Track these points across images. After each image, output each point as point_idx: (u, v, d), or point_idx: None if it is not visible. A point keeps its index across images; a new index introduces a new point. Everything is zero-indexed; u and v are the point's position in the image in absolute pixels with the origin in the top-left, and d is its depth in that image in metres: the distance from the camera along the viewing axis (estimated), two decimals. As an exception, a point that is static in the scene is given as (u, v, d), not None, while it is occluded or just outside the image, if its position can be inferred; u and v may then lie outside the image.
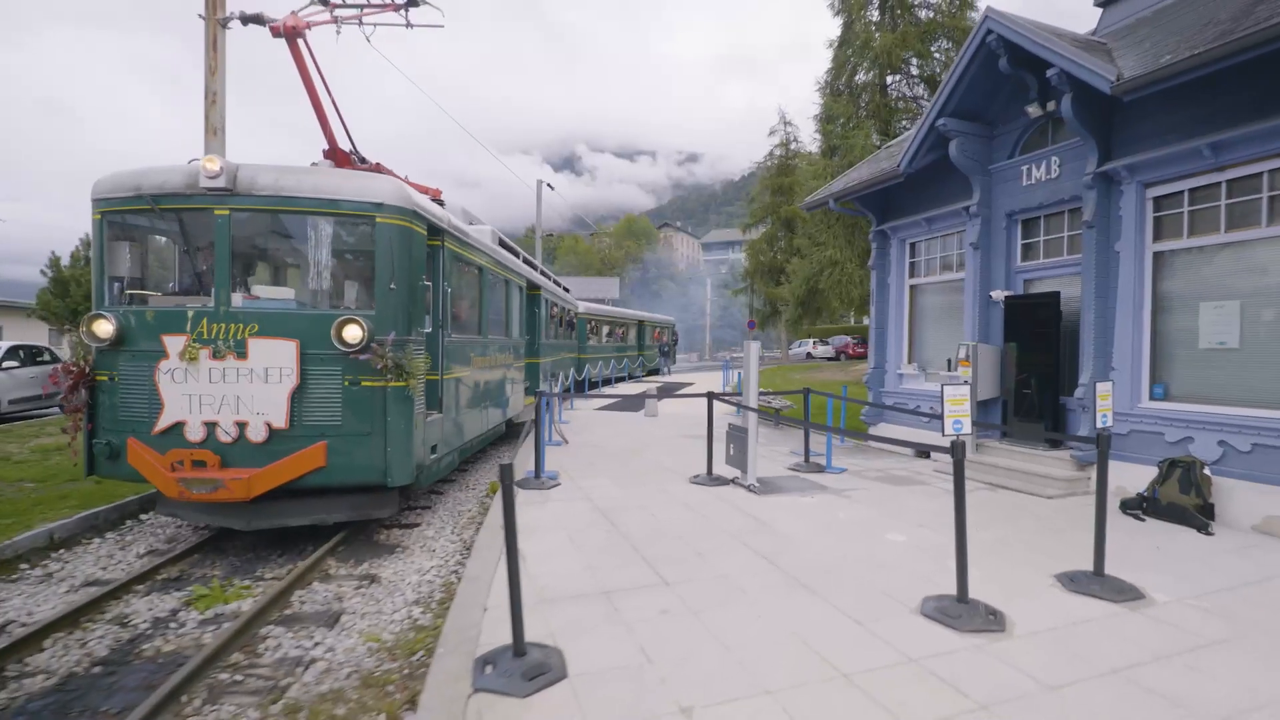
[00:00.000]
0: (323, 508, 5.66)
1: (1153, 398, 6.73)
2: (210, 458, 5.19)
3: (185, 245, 5.92)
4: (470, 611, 3.92)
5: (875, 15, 22.09)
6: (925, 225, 9.86)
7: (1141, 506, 6.20)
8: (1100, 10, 9.22)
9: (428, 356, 6.23)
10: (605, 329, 24.73)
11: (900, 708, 2.87)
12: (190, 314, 5.32)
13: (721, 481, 7.39)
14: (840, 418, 10.29)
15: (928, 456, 9.34)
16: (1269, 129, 5.63)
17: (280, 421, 5.27)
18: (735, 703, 2.92)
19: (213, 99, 9.22)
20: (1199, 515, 5.75)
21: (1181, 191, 6.54)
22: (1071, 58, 6.56)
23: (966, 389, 4.15)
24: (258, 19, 9.47)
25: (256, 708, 3.33)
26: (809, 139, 32.67)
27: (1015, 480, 7.37)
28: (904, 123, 21.41)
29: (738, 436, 7.35)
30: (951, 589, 3.98)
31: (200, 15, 9.12)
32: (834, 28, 23.61)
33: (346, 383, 5.38)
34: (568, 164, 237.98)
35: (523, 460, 8.94)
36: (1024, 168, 8.18)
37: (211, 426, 5.25)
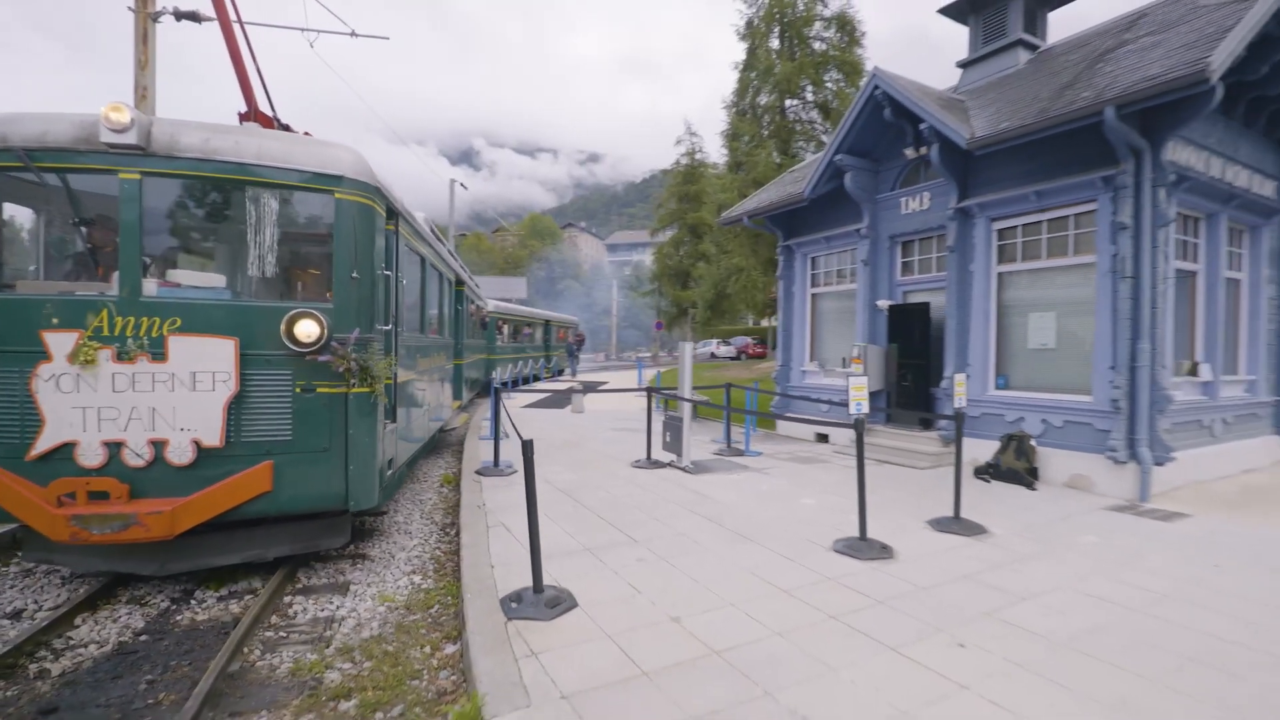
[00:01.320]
0: (258, 541, 4.84)
1: (997, 387, 8.53)
2: (115, 487, 4.21)
3: (75, 216, 4.64)
4: (480, 568, 4.70)
5: (776, 44, 24.18)
6: (825, 243, 11.46)
7: (989, 472, 7.93)
8: (961, 70, 11.21)
9: (391, 357, 5.45)
10: (511, 328, 23.84)
11: (824, 605, 4.04)
12: (69, 305, 4.26)
13: (660, 465, 8.45)
14: (754, 409, 11.68)
15: (827, 441, 10.92)
16: (1073, 183, 7.47)
17: (214, 438, 4.41)
18: (709, 612, 3.96)
19: (143, 93, 9.06)
20: (1028, 476, 7.51)
21: (1017, 226, 8.37)
22: (938, 116, 8.21)
23: (865, 379, 5.45)
24: (193, 16, 9.46)
25: (312, 651, 3.95)
26: (714, 150, 34.78)
27: (897, 456, 9.00)
28: (800, 143, 23.63)
29: (674, 425, 8.44)
30: (855, 534, 5.25)
31: (130, 8, 8.94)
32: (739, 51, 25.40)
33: (298, 389, 4.60)
34: (465, 157, 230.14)
35: (470, 454, 9.57)
36: (903, 199, 9.89)
37: (115, 448, 4.26)
